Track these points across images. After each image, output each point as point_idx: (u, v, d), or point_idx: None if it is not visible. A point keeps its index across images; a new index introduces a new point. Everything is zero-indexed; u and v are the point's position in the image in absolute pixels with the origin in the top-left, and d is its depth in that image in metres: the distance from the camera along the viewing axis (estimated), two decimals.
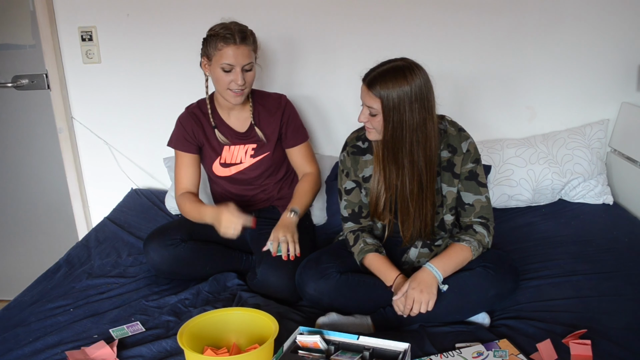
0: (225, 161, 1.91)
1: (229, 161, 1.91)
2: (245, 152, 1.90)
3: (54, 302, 1.67)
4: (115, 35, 2.33)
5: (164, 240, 1.77)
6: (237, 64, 1.71)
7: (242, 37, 1.71)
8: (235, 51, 1.70)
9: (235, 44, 1.70)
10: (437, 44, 2.27)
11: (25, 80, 2.42)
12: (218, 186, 1.99)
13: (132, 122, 2.45)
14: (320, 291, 1.59)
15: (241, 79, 1.73)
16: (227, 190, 1.97)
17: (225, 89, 1.76)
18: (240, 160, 1.90)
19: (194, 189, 1.90)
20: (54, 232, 2.66)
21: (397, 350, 1.30)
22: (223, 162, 1.91)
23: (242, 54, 1.71)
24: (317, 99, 2.36)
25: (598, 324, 1.44)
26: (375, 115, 1.51)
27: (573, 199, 2.25)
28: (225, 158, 1.90)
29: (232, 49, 1.70)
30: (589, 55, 2.27)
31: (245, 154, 1.90)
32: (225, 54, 1.71)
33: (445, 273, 1.52)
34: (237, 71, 1.72)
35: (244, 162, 1.91)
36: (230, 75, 1.73)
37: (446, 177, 1.61)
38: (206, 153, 1.91)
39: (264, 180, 1.94)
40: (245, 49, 1.72)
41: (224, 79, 1.74)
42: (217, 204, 2.05)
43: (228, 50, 1.70)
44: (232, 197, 1.97)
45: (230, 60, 1.71)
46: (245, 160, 1.90)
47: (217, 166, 1.92)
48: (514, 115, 2.36)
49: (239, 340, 1.45)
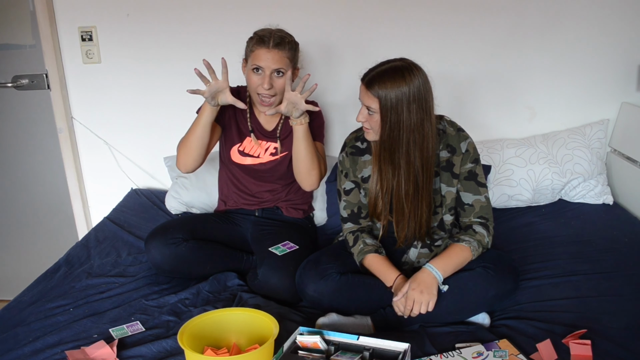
0: (245, 150, 1.92)
1: (247, 151, 1.92)
2: (266, 149, 1.91)
3: (54, 302, 1.67)
4: (115, 35, 2.33)
5: (166, 239, 1.77)
6: (266, 67, 1.72)
7: (277, 43, 1.71)
8: (266, 54, 1.71)
9: (267, 47, 1.71)
10: (437, 43, 2.27)
11: (25, 80, 2.42)
12: (228, 171, 1.99)
13: (132, 122, 2.45)
14: (320, 292, 1.59)
15: (267, 83, 1.73)
16: (235, 177, 1.97)
17: (254, 91, 1.78)
18: (259, 154, 1.91)
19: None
20: (54, 232, 2.66)
21: (397, 351, 1.30)
22: (242, 151, 1.92)
23: (272, 58, 1.71)
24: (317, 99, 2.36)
25: (598, 324, 1.44)
26: (373, 115, 1.51)
27: (573, 199, 2.25)
28: (245, 147, 1.91)
29: (264, 52, 1.71)
30: (589, 55, 2.27)
31: (265, 151, 1.91)
32: (256, 55, 1.72)
33: (445, 273, 1.52)
34: (265, 74, 1.72)
35: (261, 158, 1.92)
36: (258, 78, 1.74)
37: (445, 177, 1.61)
38: (229, 135, 1.91)
39: (274, 179, 1.95)
40: (277, 54, 1.72)
41: (252, 80, 1.76)
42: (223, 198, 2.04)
43: (260, 52, 1.72)
44: (239, 186, 1.97)
45: (260, 62, 1.72)
46: (263, 156, 1.91)
47: (235, 152, 1.92)
48: (513, 115, 2.36)
49: (239, 341, 1.45)
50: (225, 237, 1.91)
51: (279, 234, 1.88)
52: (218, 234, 1.90)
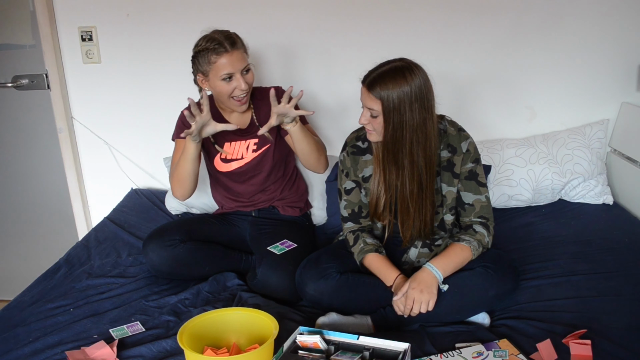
0: (226, 157, 1.91)
1: (229, 157, 1.91)
2: (247, 147, 1.90)
3: (54, 302, 1.67)
4: (115, 35, 2.33)
5: (163, 241, 1.77)
6: (235, 70, 1.71)
7: (232, 43, 1.70)
8: (230, 58, 1.69)
9: (227, 52, 1.69)
10: (437, 43, 2.27)
11: (25, 80, 2.42)
12: (219, 184, 1.99)
13: (132, 122, 2.45)
14: (320, 291, 1.59)
15: (244, 83, 1.72)
16: (226, 186, 1.97)
17: (228, 98, 1.76)
18: (241, 155, 1.90)
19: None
20: (54, 232, 2.66)
21: (397, 350, 1.30)
22: (224, 158, 1.91)
23: (236, 59, 1.71)
24: (317, 99, 2.36)
25: (598, 324, 1.44)
26: (376, 117, 1.51)
27: (573, 199, 2.25)
28: (226, 155, 1.90)
29: (226, 58, 1.69)
30: (589, 55, 2.27)
31: (246, 149, 1.90)
32: (221, 64, 1.70)
33: (446, 273, 1.52)
34: (237, 77, 1.72)
35: (245, 157, 1.91)
36: (232, 83, 1.73)
37: (446, 177, 1.61)
38: (208, 148, 1.91)
39: (264, 176, 1.94)
40: (238, 53, 1.71)
41: (226, 89, 1.73)
42: (218, 205, 2.06)
43: (222, 60, 1.69)
44: (233, 196, 1.97)
45: (228, 69, 1.70)
46: (246, 155, 1.90)
47: (218, 161, 1.92)
48: (513, 115, 2.36)
49: (239, 340, 1.45)
50: (224, 238, 1.91)
51: (277, 232, 1.88)
52: (216, 235, 1.90)
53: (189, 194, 1.85)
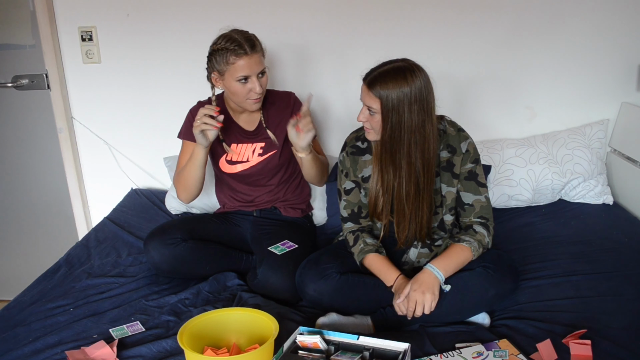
0: (232, 159, 1.91)
1: (235, 159, 1.91)
2: (253, 150, 1.90)
3: (54, 302, 1.67)
4: (115, 35, 2.33)
5: (165, 239, 1.77)
6: (252, 73, 1.71)
7: (251, 46, 1.70)
8: (249, 61, 1.69)
9: (247, 55, 1.68)
10: (437, 43, 2.27)
11: (25, 80, 2.42)
12: (224, 184, 1.99)
13: (132, 122, 2.45)
14: (320, 292, 1.59)
15: (258, 86, 1.72)
16: (232, 188, 1.97)
17: (244, 99, 1.76)
18: (247, 158, 1.91)
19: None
20: (54, 232, 2.66)
21: (397, 351, 1.30)
22: (229, 160, 1.91)
23: (255, 62, 1.71)
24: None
25: (598, 324, 1.44)
26: (374, 115, 1.51)
27: (573, 199, 2.25)
28: (232, 156, 1.91)
29: (245, 60, 1.69)
30: (589, 55, 2.27)
31: (252, 153, 1.90)
32: (239, 66, 1.69)
33: (447, 273, 1.52)
34: (253, 80, 1.72)
35: (250, 161, 1.91)
36: (247, 85, 1.73)
37: (446, 177, 1.61)
38: (214, 148, 1.91)
39: (268, 180, 1.94)
40: (256, 57, 1.71)
41: (241, 90, 1.74)
42: (221, 203, 2.06)
43: (241, 62, 1.69)
44: (236, 196, 1.98)
45: (246, 71, 1.70)
46: (252, 158, 1.90)
47: (224, 162, 1.92)
48: (514, 115, 2.36)
49: (239, 340, 1.45)
50: (225, 237, 1.91)
51: (278, 233, 1.88)
52: (217, 234, 1.90)
53: (194, 197, 1.88)
